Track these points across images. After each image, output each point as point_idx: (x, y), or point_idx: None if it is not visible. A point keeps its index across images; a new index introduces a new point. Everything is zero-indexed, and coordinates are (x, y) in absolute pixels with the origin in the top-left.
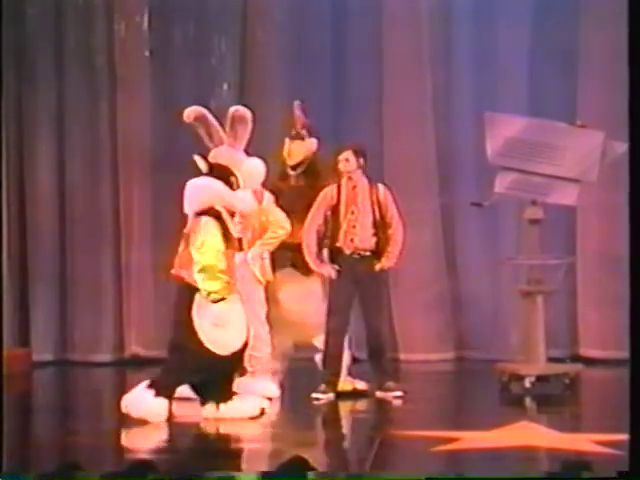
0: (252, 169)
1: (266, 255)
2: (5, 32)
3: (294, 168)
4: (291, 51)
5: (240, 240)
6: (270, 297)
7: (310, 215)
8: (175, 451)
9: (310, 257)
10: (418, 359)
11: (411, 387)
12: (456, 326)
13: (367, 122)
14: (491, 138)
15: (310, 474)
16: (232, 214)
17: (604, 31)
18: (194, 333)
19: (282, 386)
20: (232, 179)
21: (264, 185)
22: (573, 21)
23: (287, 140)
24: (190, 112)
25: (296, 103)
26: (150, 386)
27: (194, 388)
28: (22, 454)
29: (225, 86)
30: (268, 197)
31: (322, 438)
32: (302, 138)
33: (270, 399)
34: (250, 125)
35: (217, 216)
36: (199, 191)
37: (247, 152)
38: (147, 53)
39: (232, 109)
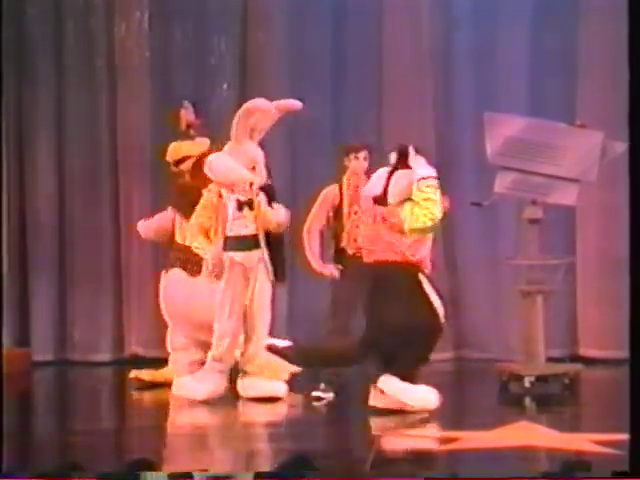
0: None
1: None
2: (5, 32)
3: (175, 165)
4: (291, 51)
5: (256, 236)
6: (162, 296)
7: (312, 215)
8: None
9: (312, 258)
10: None
11: None
12: (455, 326)
13: (367, 122)
14: (491, 138)
15: (311, 473)
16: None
17: (604, 31)
18: (433, 309)
19: None
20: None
21: None
22: (573, 21)
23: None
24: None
25: (184, 103)
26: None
27: None
28: (22, 454)
29: (225, 86)
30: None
31: (322, 438)
32: (191, 138)
33: (278, 399)
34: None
35: None
36: (406, 183)
37: None
38: (147, 51)
39: (255, 105)
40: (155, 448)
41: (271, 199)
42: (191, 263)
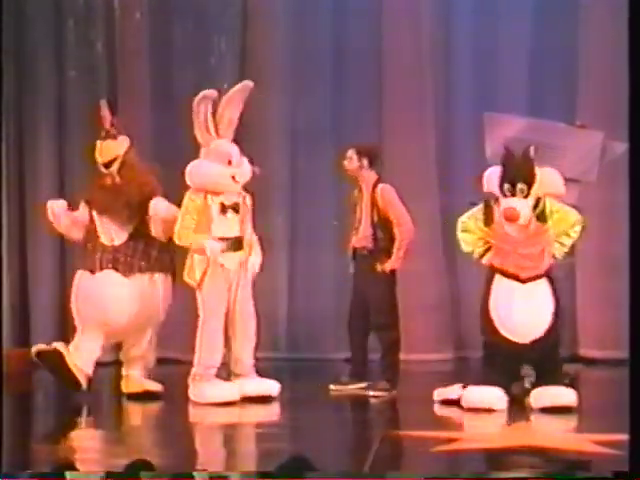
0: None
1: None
2: (5, 32)
3: (106, 166)
4: (291, 51)
5: (239, 238)
6: (89, 298)
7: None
8: None
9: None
10: (417, 359)
11: (410, 387)
12: (455, 326)
13: (367, 122)
14: (490, 138)
15: (310, 474)
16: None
17: (604, 31)
18: (490, 321)
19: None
20: None
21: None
22: (573, 21)
23: (99, 142)
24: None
25: (102, 102)
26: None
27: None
28: (22, 454)
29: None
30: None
31: (322, 438)
32: (113, 137)
33: (271, 397)
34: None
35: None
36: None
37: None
38: (147, 51)
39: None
40: (155, 448)
41: None
42: (122, 264)
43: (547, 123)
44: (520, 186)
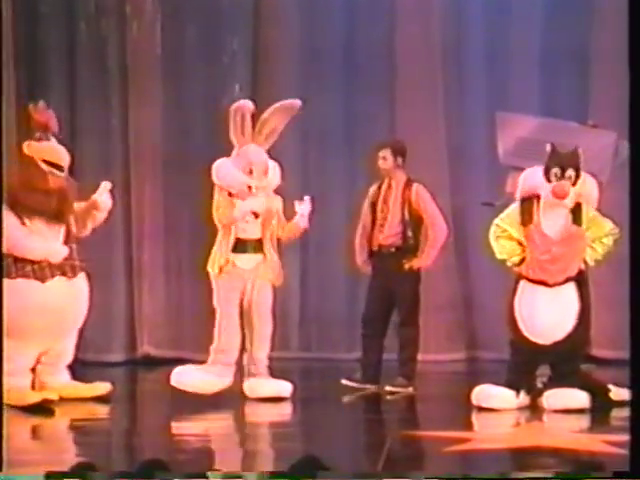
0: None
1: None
2: (17, 33)
3: (62, 169)
4: (303, 50)
5: (260, 240)
6: (42, 305)
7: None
8: None
9: (357, 255)
10: (429, 359)
11: (422, 387)
12: (467, 326)
13: (378, 121)
14: (502, 138)
15: (322, 473)
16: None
17: (616, 30)
18: (514, 321)
19: None
20: None
21: None
22: (585, 20)
23: (42, 143)
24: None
25: (36, 104)
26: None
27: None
28: (23, 454)
29: (237, 86)
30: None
31: (334, 437)
32: (62, 142)
33: (282, 399)
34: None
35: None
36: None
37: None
38: (159, 51)
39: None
40: (167, 449)
41: None
42: (69, 268)
43: (560, 123)
44: (569, 172)
